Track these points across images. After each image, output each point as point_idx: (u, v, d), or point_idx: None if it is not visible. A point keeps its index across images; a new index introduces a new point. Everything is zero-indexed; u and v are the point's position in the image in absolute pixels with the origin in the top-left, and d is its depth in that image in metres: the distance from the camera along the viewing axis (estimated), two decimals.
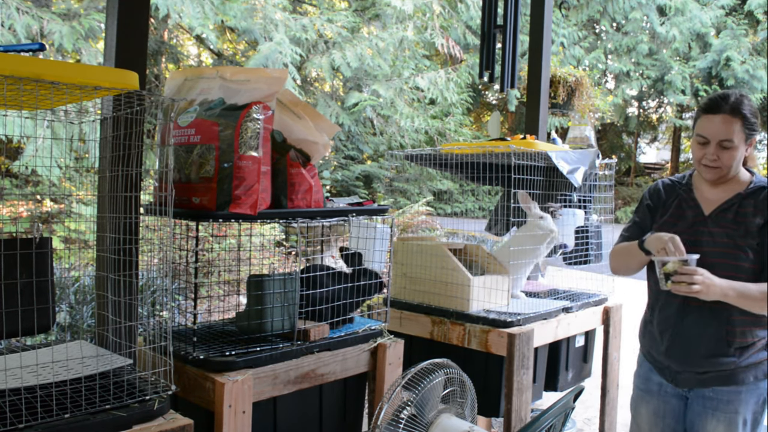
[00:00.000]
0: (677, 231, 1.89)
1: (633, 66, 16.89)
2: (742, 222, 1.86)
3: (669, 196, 2.05)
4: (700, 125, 1.87)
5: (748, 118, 1.81)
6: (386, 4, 10.01)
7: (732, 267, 1.83)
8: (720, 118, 1.81)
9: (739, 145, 1.83)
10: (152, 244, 1.81)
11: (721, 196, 1.92)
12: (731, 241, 1.85)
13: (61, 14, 6.36)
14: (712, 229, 1.89)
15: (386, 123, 10.71)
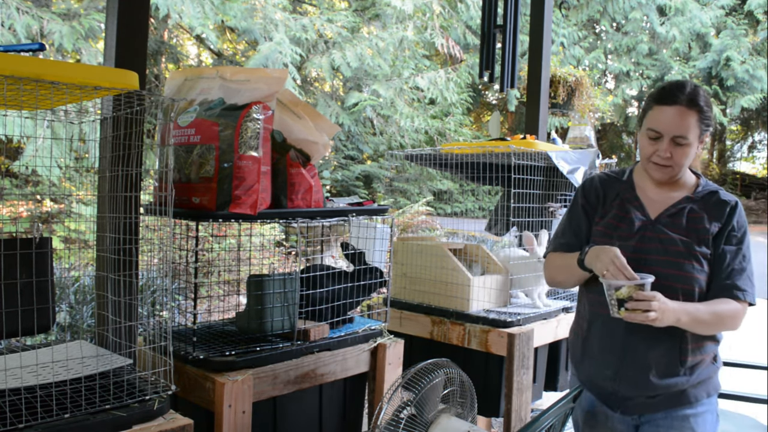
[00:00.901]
0: (621, 236, 1.70)
1: (633, 66, 16.88)
2: (694, 229, 1.66)
3: (608, 193, 1.80)
4: (651, 117, 1.64)
5: (705, 111, 1.62)
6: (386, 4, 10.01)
7: (685, 279, 1.63)
8: (674, 110, 1.60)
9: (693, 142, 1.62)
10: (152, 244, 1.81)
11: (667, 198, 1.72)
12: (685, 250, 1.64)
13: (61, 14, 6.36)
14: (661, 235, 1.67)
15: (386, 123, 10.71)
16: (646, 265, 1.65)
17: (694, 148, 1.63)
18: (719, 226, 1.65)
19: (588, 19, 16.33)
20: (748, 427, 2.42)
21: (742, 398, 2.27)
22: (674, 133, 1.60)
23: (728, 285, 1.63)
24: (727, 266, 1.64)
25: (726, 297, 1.62)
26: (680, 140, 1.61)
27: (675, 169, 1.66)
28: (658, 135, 1.63)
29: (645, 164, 1.70)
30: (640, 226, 1.70)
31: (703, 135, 1.65)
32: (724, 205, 1.68)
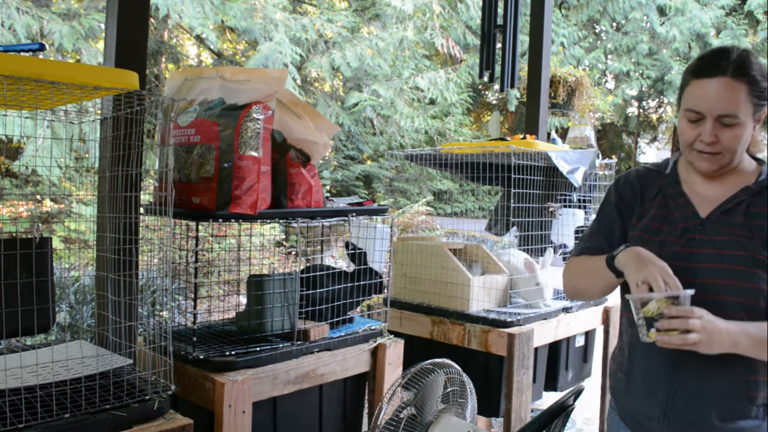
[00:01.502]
0: (664, 240, 1.39)
1: (633, 66, 16.89)
2: (757, 227, 1.32)
3: (647, 190, 1.50)
4: (690, 95, 1.34)
5: (758, 81, 1.29)
6: (386, 4, 10.01)
7: (749, 292, 1.30)
8: (718, 83, 1.28)
9: (746, 121, 1.30)
10: (152, 244, 1.81)
11: (721, 193, 1.39)
12: (746, 255, 1.30)
13: (61, 14, 6.35)
14: (713, 237, 1.34)
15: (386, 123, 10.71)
16: (696, 276, 1.32)
17: (747, 129, 1.32)
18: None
19: (588, 19, 16.33)
20: None
21: None
22: (719, 111, 1.29)
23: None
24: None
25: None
26: (728, 120, 1.29)
27: (725, 156, 1.34)
28: (700, 116, 1.31)
29: (687, 153, 1.38)
30: (686, 228, 1.39)
31: (758, 111, 1.33)
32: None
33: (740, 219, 1.34)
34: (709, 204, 1.39)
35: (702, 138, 1.33)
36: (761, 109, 1.33)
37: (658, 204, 1.46)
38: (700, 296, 1.27)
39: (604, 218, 1.55)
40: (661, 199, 1.46)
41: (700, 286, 1.30)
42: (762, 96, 1.31)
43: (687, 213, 1.40)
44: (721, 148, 1.33)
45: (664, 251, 1.35)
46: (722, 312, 1.26)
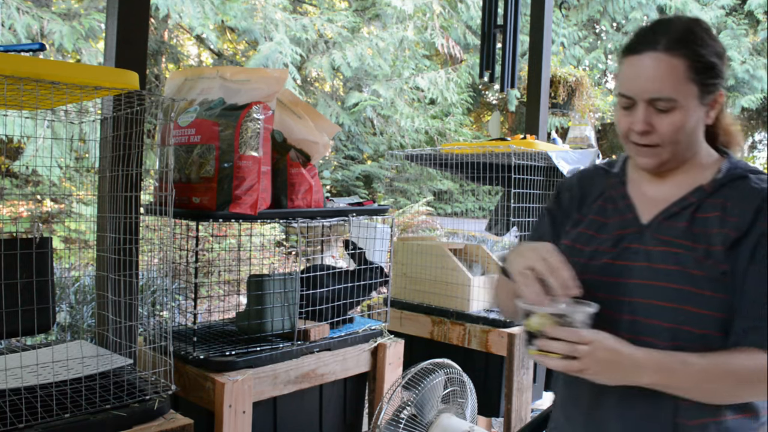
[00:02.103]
0: (594, 251, 1.17)
1: None
2: (703, 235, 1.08)
3: (588, 192, 1.28)
4: (620, 76, 1.13)
5: (702, 55, 1.07)
6: (386, 4, 10.01)
7: (681, 316, 1.05)
8: (649, 59, 1.06)
9: (687, 105, 1.07)
10: (152, 244, 1.81)
11: (671, 193, 1.16)
12: (680, 269, 1.07)
13: (62, 14, 6.35)
14: (650, 247, 1.11)
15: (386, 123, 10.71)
16: (625, 294, 1.11)
17: (691, 115, 1.08)
18: (743, 230, 1.06)
19: (588, 19, 16.33)
20: None
21: None
22: (650, 93, 1.07)
23: (759, 324, 1.02)
24: (758, 294, 1.03)
25: (752, 346, 1.02)
26: (662, 104, 1.07)
27: (665, 149, 1.10)
28: (630, 101, 1.10)
29: (626, 147, 1.18)
30: (621, 236, 1.16)
31: (708, 93, 1.09)
32: (753, 197, 1.07)
33: (683, 225, 1.10)
34: (655, 208, 1.16)
35: (633, 127, 1.10)
36: (712, 91, 1.10)
37: (597, 209, 1.24)
38: (626, 318, 1.10)
39: (537, 227, 1.35)
40: (601, 202, 1.24)
41: (628, 307, 1.10)
42: (711, 74, 1.08)
43: (626, 218, 1.18)
44: (658, 140, 1.10)
45: (592, 264, 1.15)
46: (652, 339, 1.06)
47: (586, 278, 1.11)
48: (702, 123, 1.12)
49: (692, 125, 1.10)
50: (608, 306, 1.10)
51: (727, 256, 1.06)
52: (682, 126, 1.08)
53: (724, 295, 1.05)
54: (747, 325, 1.03)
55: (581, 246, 1.20)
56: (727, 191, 1.11)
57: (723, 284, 1.05)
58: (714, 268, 1.06)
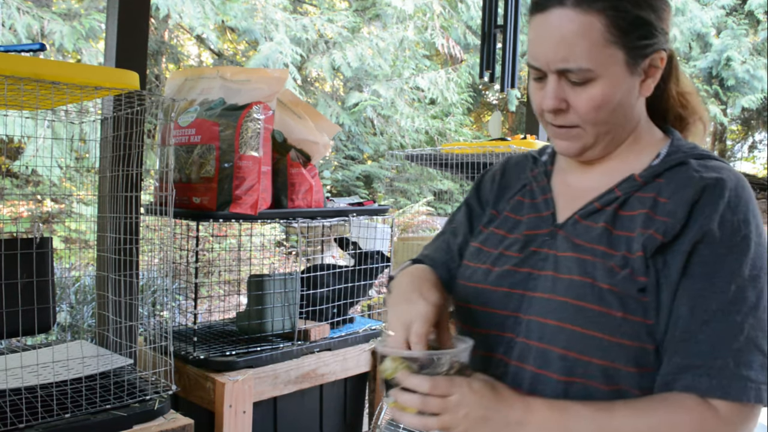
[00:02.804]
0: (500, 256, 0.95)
1: None
2: (623, 239, 0.84)
3: (511, 184, 1.06)
4: (529, 41, 0.89)
5: (625, 8, 0.82)
6: (386, 4, 10.01)
7: (581, 342, 0.82)
8: (555, 17, 0.83)
9: (611, 74, 0.83)
10: (153, 244, 1.82)
11: (600, 184, 0.92)
12: (588, 281, 0.83)
13: (62, 14, 6.36)
14: (560, 252, 0.89)
15: (387, 123, 10.71)
16: (526, 311, 0.88)
17: (616, 85, 0.84)
18: (673, 232, 0.81)
19: None
20: None
21: None
22: (557, 63, 0.84)
23: (694, 363, 0.77)
24: (692, 321, 0.78)
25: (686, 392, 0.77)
26: (574, 75, 0.83)
27: (586, 131, 0.88)
28: (539, 72, 0.87)
29: (544, 127, 0.94)
30: (530, 238, 0.94)
31: (639, 57, 0.85)
32: (690, 189, 0.82)
33: (601, 227, 0.87)
34: (577, 203, 0.93)
35: (543, 103, 0.88)
36: (647, 53, 0.85)
37: (514, 204, 1.03)
38: (520, 342, 0.88)
39: (454, 217, 1.13)
40: (519, 197, 1.03)
41: (525, 328, 0.88)
42: (641, 32, 0.84)
43: (542, 216, 0.96)
44: (576, 119, 0.87)
45: (494, 271, 0.94)
46: (543, 371, 0.84)
47: (485, 289, 0.93)
48: (636, 96, 0.88)
49: (619, 100, 0.85)
50: (505, 326, 0.90)
51: (648, 267, 0.81)
52: (604, 101, 0.84)
53: (641, 319, 0.80)
54: (679, 363, 0.78)
55: (490, 249, 0.98)
56: (662, 182, 0.86)
57: (640, 304, 0.80)
58: (629, 282, 0.81)
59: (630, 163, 0.91)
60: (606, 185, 0.91)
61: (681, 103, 0.97)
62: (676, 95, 0.96)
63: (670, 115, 0.97)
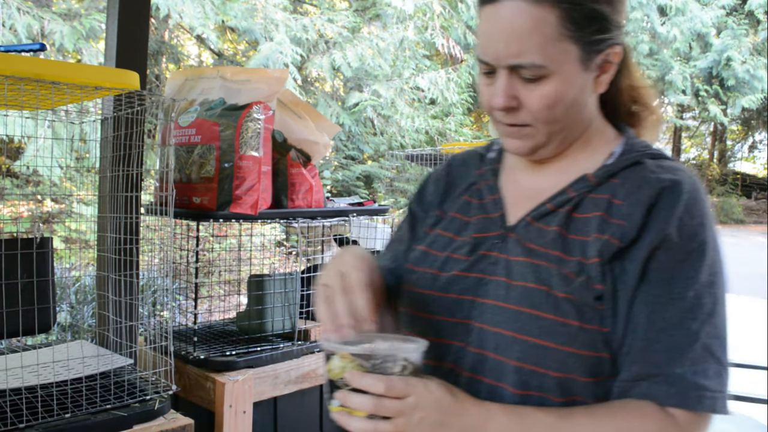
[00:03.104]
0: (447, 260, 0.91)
1: None
2: (578, 243, 0.81)
3: (457, 183, 1.01)
4: (478, 34, 0.84)
5: (579, 2, 0.78)
6: (387, 4, 10.01)
7: (537, 353, 0.78)
8: (506, 9, 0.78)
9: (564, 70, 0.80)
10: (153, 244, 1.82)
11: (550, 186, 0.89)
12: (543, 289, 0.80)
13: (62, 14, 6.36)
14: (512, 257, 0.85)
15: (387, 123, 10.71)
16: (476, 318, 0.84)
17: (570, 82, 0.81)
18: (630, 236, 0.78)
19: None
20: (749, 427, 2.42)
21: (742, 398, 2.28)
22: (509, 58, 0.79)
23: (652, 372, 0.76)
24: (650, 328, 0.76)
25: (643, 400, 0.76)
26: (526, 71, 0.79)
27: (538, 129, 0.84)
28: (489, 67, 0.82)
29: (494, 126, 0.90)
30: (479, 241, 0.89)
31: (593, 53, 0.81)
32: (647, 191, 0.80)
33: (555, 230, 0.83)
34: (529, 204, 0.89)
35: (493, 101, 0.83)
36: (602, 48, 0.81)
37: (461, 204, 0.97)
38: (472, 352, 0.84)
39: (400, 226, 1.07)
40: (467, 196, 0.97)
41: (477, 336, 0.83)
42: (597, 26, 0.79)
43: (491, 218, 0.91)
44: (528, 118, 0.83)
45: (441, 276, 0.89)
46: (498, 382, 0.81)
47: (432, 295, 0.88)
48: (589, 92, 0.84)
49: (573, 97, 0.81)
50: (455, 334, 0.85)
51: (604, 273, 0.78)
52: (557, 99, 0.80)
53: (597, 327, 0.77)
54: (637, 371, 0.76)
55: (436, 252, 0.93)
56: (616, 183, 0.83)
57: (596, 312, 0.77)
58: (586, 290, 0.78)
59: (582, 162, 0.88)
60: (558, 185, 0.87)
61: (633, 98, 0.93)
62: (628, 90, 0.92)
63: (621, 110, 0.93)
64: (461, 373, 0.84)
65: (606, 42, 0.81)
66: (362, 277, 0.80)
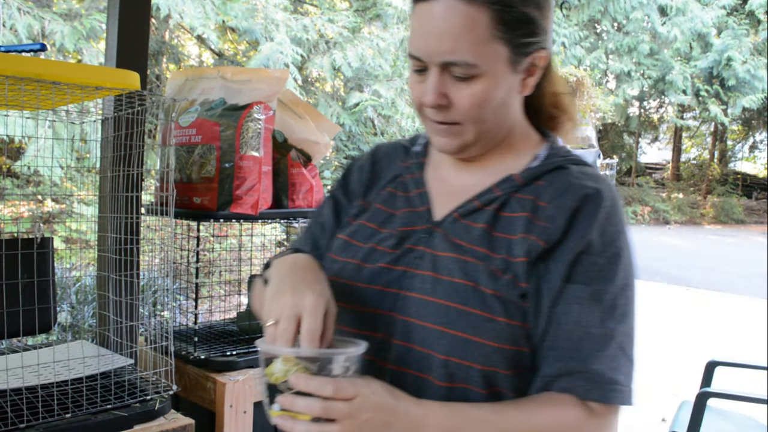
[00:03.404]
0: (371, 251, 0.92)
1: (634, 66, 16.89)
2: (504, 242, 0.84)
3: (382, 175, 1.02)
4: (411, 30, 0.86)
5: (511, 3, 0.80)
6: (387, 4, 10.01)
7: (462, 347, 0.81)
8: (441, 8, 0.79)
9: (495, 71, 0.82)
10: (153, 244, 1.82)
11: (478, 183, 0.91)
12: (470, 285, 0.82)
13: (63, 14, 6.36)
14: (439, 252, 0.87)
15: (387, 123, 10.71)
16: (401, 312, 0.86)
17: (499, 83, 0.83)
18: (555, 238, 0.82)
19: (589, 19, 16.34)
20: (748, 427, 2.42)
21: (742, 398, 2.28)
22: (442, 55, 0.81)
23: (574, 369, 0.80)
24: (574, 327, 0.80)
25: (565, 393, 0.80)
26: (458, 69, 0.81)
27: (467, 128, 0.86)
28: (421, 64, 0.84)
29: (423, 123, 0.92)
30: (405, 234, 0.91)
31: (521, 56, 0.84)
32: (570, 196, 0.84)
33: (482, 227, 0.86)
34: (454, 200, 0.91)
35: (424, 98, 0.85)
36: (529, 52, 0.84)
37: (385, 195, 0.98)
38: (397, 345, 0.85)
39: (320, 212, 1.07)
40: (391, 188, 0.99)
41: (402, 329, 0.85)
42: (526, 29, 0.82)
43: (417, 211, 0.92)
44: (458, 116, 0.84)
45: (366, 268, 0.90)
46: (425, 375, 0.83)
47: (356, 286, 0.89)
48: (516, 94, 0.87)
49: (501, 98, 0.84)
50: (378, 326, 0.86)
51: (530, 273, 0.81)
52: (486, 99, 0.83)
53: (521, 323, 0.81)
54: (560, 368, 0.80)
55: (359, 243, 0.94)
56: (541, 185, 0.87)
57: (521, 309, 0.81)
58: (512, 287, 0.81)
59: (508, 162, 0.91)
60: (483, 184, 0.90)
61: (554, 103, 0.96)
62: (549, 95, 0.95)
63: (543, 114, 0.96)
64: (385, 365, 0.86)
65: (534, 45, 0.84)
66: (317, 329, 0.75)
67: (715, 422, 2.37)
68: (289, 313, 0.76)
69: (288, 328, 0.75)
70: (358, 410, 0.72)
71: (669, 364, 5.03)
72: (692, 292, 8.82)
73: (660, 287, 8.90)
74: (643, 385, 3.79)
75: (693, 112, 19.78)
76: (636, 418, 3.72)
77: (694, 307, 7.76)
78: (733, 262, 11.48)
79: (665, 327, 6.38)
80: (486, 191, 0.89)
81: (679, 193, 21.44)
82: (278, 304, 0.78)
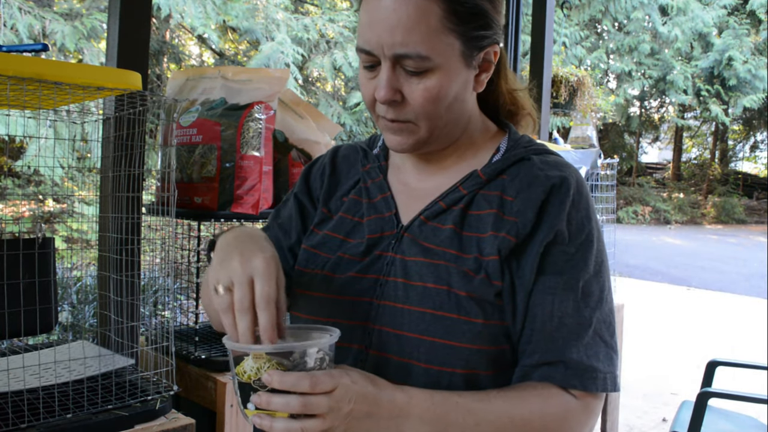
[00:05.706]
0: (340, 260, 0.89)
1: (635, 66, 16.88)
2: (474, 240, 0.83)
3: (343, 178, 0.98)
4: (360, 24, 0.82)
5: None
6: None
7: (444, 353, 0.79)
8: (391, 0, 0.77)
9: (448, 65, 0.80)
10: (154, 244, 1.82)
11: (441, 183, 0.90)
12: (443, 289, 0.80)
13: (64, 14, 6.37)
14: (408, 257, 0.85)
15: None
16: (372, 320, 0.84)
17: (453, 77, 0.81)
18: (525, 233, 0.81)
19: (590, 18, 16.33)
20: (748, 427, 2.42)
21: (742, 398, 2.27)
22: (393, 47, 0.78)
23: (551, 359, 0.80)
24: (548, 318, 0.80)
25: (544, 381, 0.80)
26: (411, 63, 0.79)
27: (420, 125, 0.83)
28: (372, 58, 0.81)
29: (376, 121, 0.87)
30: (373, 241, 0.88)
31: (474, 50, 0.82)
32: (537, 188, 0.83)
33: (449, 228, 0.84)
34: (420, 202, 0.89)
35: (376, 94, 0.81)
36: (482, 46, 0.82)
37: (349, 203, 0.94)
38: (373, 355, 0.83)
39: (280, 211, 1.03)
40: (354, 195, 0.95)
41: (377, 338, 0.83)
42: (478, 23, 0.80)
43: (383, 217, 0.90)
44: (412, 113, 0.82)
45: (336, 279, 0.87)
46: (406, 384, 0.78)
47: (326, 298, 0.87)
48: (470, 90, 0.85)
49: (455, 93, 0.82)
50: (353, 338, 0.84)
51: (502, 270, 0.80)
52: (440, 94, 0.80)
53: (498, 322, 0.80)
54: (539, 359, 0.80)
55: (326, 254, 0.90)
56: (506, 179, 0.85)
57: (497, 308, 0.80)
58: (486, 287, 0.79)
59: (469, 159, 0.90)
60: (447, 183, 0.88)
61: (510, 100, 0.96)
62: (506, 92, 0.95)
63: (501, 111, 0.96)
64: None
65: (486, 39, 0.82)
66: (271, 293, 0.71)
67: (716, 422, 2.37)
68: (241, 278, 0.71)
69: (245, 295, 0.70)
70: (339, 402, 0.69)
71: (670, 364, 5.03)
72: (693, 292, 8.82)
73: (660, 287, 8.90)
74: (644, 385, 3.81)
75: (694, 112, 19.77)
76: (637, 418, 3.73)
77: (695, 307, 7.77)
78: (734, 262, 11.48)
79: (666, 327, 6.38)
80: (451, 190, 0.87)
81: (680, 193, 21.44)
82: (227, 270, 0.73)
